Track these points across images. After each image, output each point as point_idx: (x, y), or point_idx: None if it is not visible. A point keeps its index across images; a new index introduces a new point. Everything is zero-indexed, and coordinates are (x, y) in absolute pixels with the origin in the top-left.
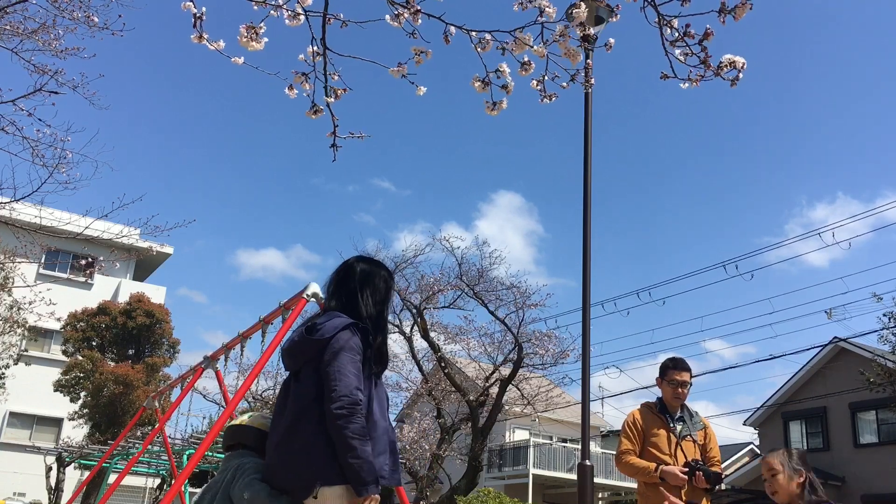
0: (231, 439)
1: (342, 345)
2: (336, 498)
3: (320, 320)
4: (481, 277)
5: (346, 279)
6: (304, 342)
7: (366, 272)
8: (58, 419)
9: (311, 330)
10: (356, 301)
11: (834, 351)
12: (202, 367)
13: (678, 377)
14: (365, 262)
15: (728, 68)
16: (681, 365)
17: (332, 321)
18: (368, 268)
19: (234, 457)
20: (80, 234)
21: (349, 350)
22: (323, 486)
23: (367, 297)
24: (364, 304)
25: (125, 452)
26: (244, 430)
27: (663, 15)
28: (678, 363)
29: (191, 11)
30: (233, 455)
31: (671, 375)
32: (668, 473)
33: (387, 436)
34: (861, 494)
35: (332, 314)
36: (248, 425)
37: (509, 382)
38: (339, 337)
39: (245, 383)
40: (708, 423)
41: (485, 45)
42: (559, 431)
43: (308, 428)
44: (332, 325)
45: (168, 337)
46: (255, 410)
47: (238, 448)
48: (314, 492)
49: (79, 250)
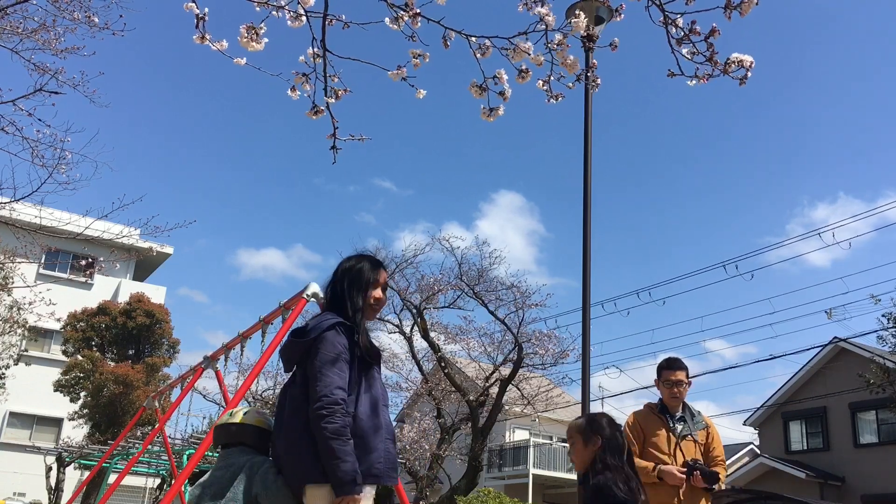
0: (229, 438)
1: (325, 345)
2: (321, 497)
3: (311, 322)
4: (481, 277)
5: (333, 279)
6: (292, 344)
7: (348, 269)
8: (58, 419)
9: (299, 332)
10: (342, 300)
11: (834, 351)
12: (202, 367)
13: (672, 377)
14: (350, 259)
15: (736, 67)
16: (674, 364)
17: (320, 322)
18: (351, 264)
19: (234, 454)
20: (80, 235)
21: (332, 350)
22: (309, 485)
23: (353, 294)
24: (350, 301)
25: (125, 452)
26: (243, 428)
27: (668, 13)
28: (672, 363)
29: (193, 12)
30: (233, 453)
31: (665, 376)
32: (666, 473)
33: (382, 433)
34: (861, 494)
35: (324, 315)
36: (247, 423)
37: (509, 382)
38: (323, 337)
39: (245, 383)
40: (711, 423)
41: (484, 51)
42: (559, 431)
43: (298, 427)
44: (319, 325)
45: (168, 337)
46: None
47: (235, 446)
48: (302, 489)
49: (79, 250)
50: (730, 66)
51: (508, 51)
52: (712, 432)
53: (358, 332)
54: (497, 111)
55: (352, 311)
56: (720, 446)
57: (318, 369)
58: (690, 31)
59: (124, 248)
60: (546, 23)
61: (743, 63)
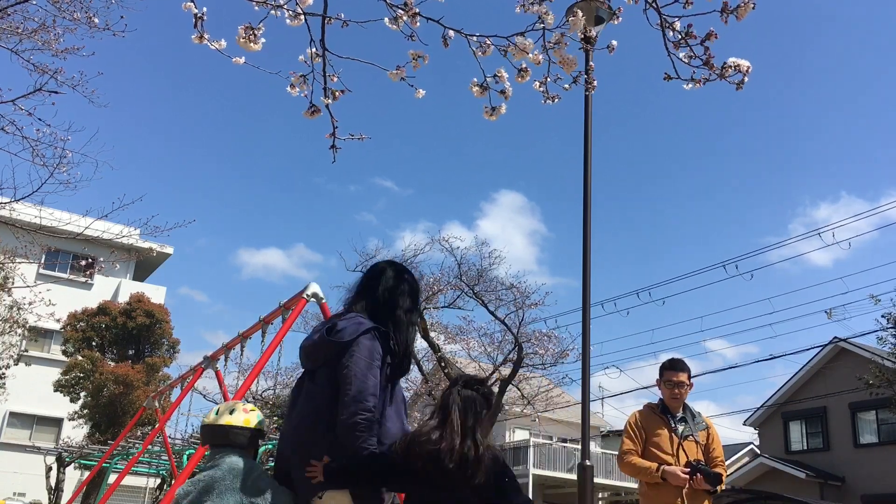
0: (214, 439)
1: (362, 349)
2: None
3: (342, 322)
4: (481, 277)
5: (373, 283)
6: (323, 343)
7: (393, 277)
8: (58, 419)
9: (331, 331)
10: (381, 305)
11: (834, 351)
12: (202, 367)
13: (674, 378)
14: (393, 268)
15: (733, 71)
16: (676, 365)
17: (354, 324)
18: (396, 273)
19: (223, 454)
20: (80, 234)
21: (369, 355)
22: (328, 490)
23: (393, 303)
24: (389, 309)
25: (125, 452)
26: (230, 429)
27: (666, 17)
28: (674, 364)
29: (191, 12)
30: (224, 453)
31: (668, 376)
32: (669, 473)
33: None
34: (861, 494)
35: (356, 316)
36: (234, 425)
37: (509, 382)
38: (360, 341)
39: (245, 383)
40: (711, 424)
41: (484, 50)
42: (559, 431)
43: (318, 429)
44: (353, 328)
45: (168, 337)
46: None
47: (223, 447)
48: (318, 493)
49: (79, 250)
50: (727, 71)
51: (508, 48)
52: (712, 433)
53: (397, 343)
54: (499, 110)
55: (401, 322)
56: (720, 447)
57: (354, 373)
58: (687, 35)
59: (124, 248)
60: (544, 21)
61: (740, 67)
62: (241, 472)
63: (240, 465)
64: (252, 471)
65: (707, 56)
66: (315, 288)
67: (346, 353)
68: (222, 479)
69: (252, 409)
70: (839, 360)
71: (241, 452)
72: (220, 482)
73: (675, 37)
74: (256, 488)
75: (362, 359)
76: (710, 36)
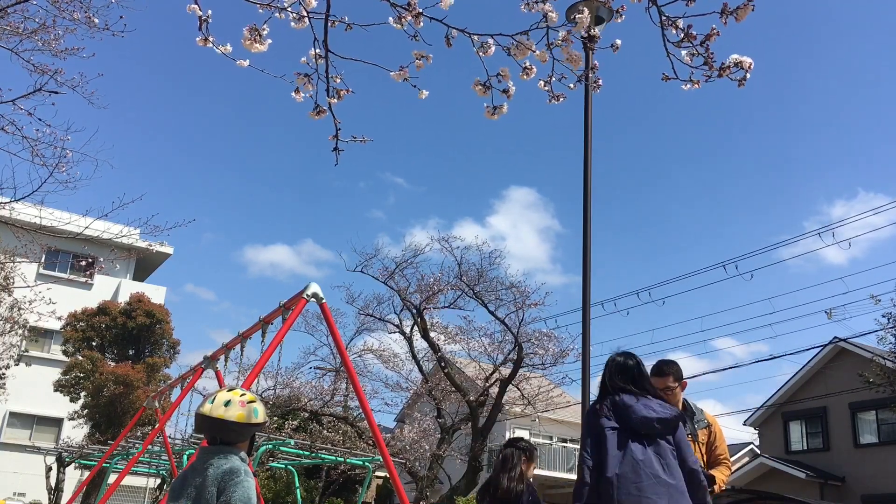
0: (215, 432)
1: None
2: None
3: (673, 410)
4: (481, 277)
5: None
6: (677, 421)
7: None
8: (58, 419)
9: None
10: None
11: (834, 351)
12: (202, 367)
13: (658, 385)
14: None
15: (735, 68)
16: (659, 371)
17: (677, 409)
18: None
19: (214, 452)
20: (80, 234)
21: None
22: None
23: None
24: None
25: (125, 452)
26: (222, 423)
27: (667, 16)
28: (656, 370)
29: (195, 13)
30: (214, 451)
31: (653, 382)
32: None
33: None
34: (861, 494)
35: (663, 402)
36: (226, 419)
37: (509, 382)
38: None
39: (245, 383)
40: (714, 421)
41: (486, 49)
42: (559, 431)
43: (678, 483)
44: (681, 412)
45: (168, 337)
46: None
47: (215, 444)
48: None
49: (79, 250)
50: (728, 69)
51: (512, 47)
52: (715, 430)
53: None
54: (501, 109)
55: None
56: (723, 444)
57: (689, 445)
58: (687, 35)
59: (124, 247)
60: (549, 19)
61: (742, 64)
62: (219, 478)
63: (222, 469)
64: (237, 474)
65: (708, 55)
66: (315, 288)
67: (680, 428)
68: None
69: (250, 399)
70: (839, 360)
71: (230, 451)
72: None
73: (677, 36)
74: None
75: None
76: (710, 35)
